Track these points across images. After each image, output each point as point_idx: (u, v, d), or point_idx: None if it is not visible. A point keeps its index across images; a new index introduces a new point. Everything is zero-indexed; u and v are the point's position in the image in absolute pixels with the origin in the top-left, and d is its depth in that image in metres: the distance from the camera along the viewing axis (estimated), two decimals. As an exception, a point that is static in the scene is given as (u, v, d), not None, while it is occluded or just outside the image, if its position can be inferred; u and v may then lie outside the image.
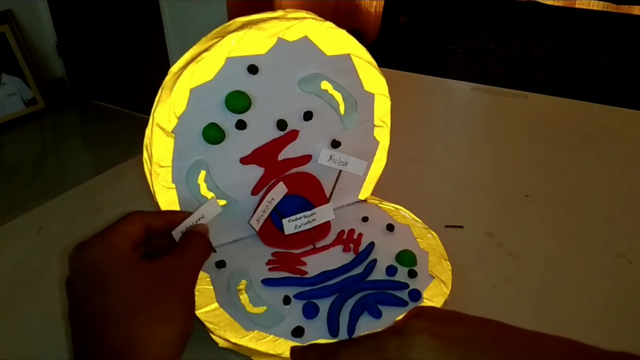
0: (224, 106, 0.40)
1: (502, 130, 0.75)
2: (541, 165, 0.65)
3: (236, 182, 0.44)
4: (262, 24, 0.39)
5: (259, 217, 0.44)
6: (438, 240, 0.46)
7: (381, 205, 0.51)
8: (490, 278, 0.45)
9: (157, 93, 0.39)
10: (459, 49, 1.57)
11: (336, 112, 0.45)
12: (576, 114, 0.80)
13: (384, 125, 0.48)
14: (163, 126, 0.39)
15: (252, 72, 0.40)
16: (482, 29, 1.52)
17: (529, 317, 0.41)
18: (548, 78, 1.48)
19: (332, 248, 0.45)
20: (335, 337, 0.36)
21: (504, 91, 0.86)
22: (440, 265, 0.43)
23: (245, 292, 0.40)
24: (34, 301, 0.43)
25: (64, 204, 0.57)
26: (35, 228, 0.52)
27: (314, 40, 0.41)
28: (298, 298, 0.40)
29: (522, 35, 1.47)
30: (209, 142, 0.41)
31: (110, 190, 0.59)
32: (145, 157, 0.40)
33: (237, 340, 0.36)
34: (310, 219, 0.43)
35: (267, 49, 0.40)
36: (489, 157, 0.67)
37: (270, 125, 0.43)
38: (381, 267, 0.42)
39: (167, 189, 0.41)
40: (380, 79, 0.46)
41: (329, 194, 0.47)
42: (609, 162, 0.65)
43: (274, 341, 0.36)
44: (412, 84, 0.91)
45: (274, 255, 0.44)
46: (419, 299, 0.39)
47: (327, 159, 0.46)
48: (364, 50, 0.44)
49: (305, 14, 0.41)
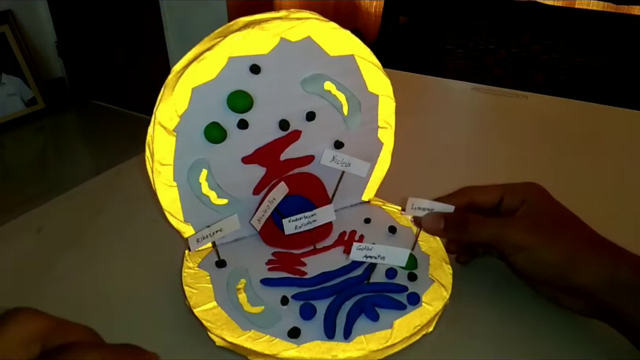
0: (225, 105, 0.40)
1: (502, 130, 0.75)
2: (541, 165, 0.65)
3: (238, 182, 0.44)
4: (264, 24, 0.39)
5: (260, 217, 0.44)
6: (440, 243, 0.46)
7: (384, 207, 0.51)
8: (492, 279, 0.45)
9: (159, 92, 0.39)
10: (459, 49, 1.56)
11: (339, 113, 0.45)
12: (576, 114, 0.80)
13: (388, 126, 0.48)
14: (165, 125, 0.39)
15: (254, 72, 0.40)
16: (482, 29, 1.52)
17: (530, 318, 0.41)
18: (548, 78, 1.48)
19: (332, 249, 0.45)
20: (331, 339, 0.36)
21: (504, 91, 0.86)
22: (441, 269, 0.42)
23: (244, 292, 0.40)
24: (34, 301, 0.43)
25: (64, 204, 0.57)
26: (35, 228, 0.52)
27: (317, 41, 0.41)
28: (296, 299, 0.40)
29: (522, 35, 1.47)
30: (210, 141, 0.41)
31: (110, 190, 0.59)
32: (147, 155, 0.40)
33: (233, 339, 0.36)
34: (310, 220, 0.43)
35: (269, 49, 0.40)
36: (489, 157, 0.67)
37: (272, 125, 0.43)
38: (381, 269, 0.42)
39: (169, 187, 0.41)
40: (385, 80, 0.46)
41: (331, 195, 0.47)
42: (609, 162, 0.65)
43: (270, 341, 0.36)
44: (412, 84, 0.91)
45: (274, 255, 0.44)
46: (418, 303, 0.39)
47: (330, 160, 0.45)
48: (368, 51, 0.44)
49: (309, 14, 0.41)
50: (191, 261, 0.43)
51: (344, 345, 0.36)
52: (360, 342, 0.36)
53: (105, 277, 0.45)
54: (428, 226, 0.42)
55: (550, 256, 0.37)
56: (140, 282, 0.44)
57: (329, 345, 0.36)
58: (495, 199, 0.42)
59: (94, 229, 0.52)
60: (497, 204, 0.42)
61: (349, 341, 0.36)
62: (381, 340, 0.36)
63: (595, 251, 0.37)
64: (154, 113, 0.38)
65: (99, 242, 0.50)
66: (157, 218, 0.50)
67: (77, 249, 0.49)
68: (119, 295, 0.43)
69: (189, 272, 0.42)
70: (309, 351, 0.35)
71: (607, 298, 0.35)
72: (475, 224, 0.40)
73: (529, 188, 0.42)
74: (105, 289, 0.44)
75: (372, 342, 0.36)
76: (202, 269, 0.42)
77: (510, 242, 0.38)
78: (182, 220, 0.43)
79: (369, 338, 0.36)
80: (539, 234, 0.38)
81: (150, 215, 0.51)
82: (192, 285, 0.41)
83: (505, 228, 0.39)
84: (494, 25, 1.52)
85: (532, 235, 0.37)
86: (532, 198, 0.40)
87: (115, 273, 0.46)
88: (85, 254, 0.48)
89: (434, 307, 0.39)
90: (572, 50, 1.42)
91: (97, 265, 0.47)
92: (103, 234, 0.51)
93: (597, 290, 0.36)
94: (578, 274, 0.36)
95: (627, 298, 0.35)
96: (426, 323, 0.38)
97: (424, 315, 0.38)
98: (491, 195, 0.42)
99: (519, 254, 0.38)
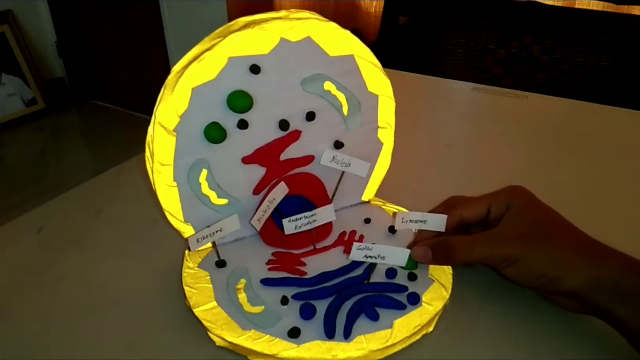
0: (225, 105, 0.40)
1: (502, 130, 0.75)
2: (541, 165, 0.65)
3: (238, 182, 0.44)
4: (264, 24, 0.39)
5: (260, 217, 0.44)
6: None
7: (384, 207, 0.51)
8: (491, 279, 0.45)
9: (159, 92, 0.39)
10: (459, 49, 1.56)
11: (339, 113, 0.45)
12: (576, 114, 0.80)
13: (388, 127, 0.48)
14: (165, 125, 0.39)
15: (254, 72, 0.40)
16: (482, 29, 1.52)
17: (529, 318, 0.41)
18: (548, 78, 1.48)
19: (332, 249, 0.45)
20: (331, 339, 0.36)
21: (504, 91, 0.86)
22: (441, 269, 0.42)
23: (244, 292, 0.40)
24: (34, 301, 0.43)
25: (64, 204, 0.57)
26: (35, 228, 0.52)
27: (317, 41, 0.41)
28: (296, 299, 0.40)
29: (522, 35, 1.47)
30: (210, 141, 0.41)
31: (110, 190, 0.59)
32: (147, 155, 0.40)
33: (233, 339, 0.36)
34: (310, 220, 0.43)
35: (269, 49, 0.40)
36: (489, 157, 0.67)
37: (272, 125, 0.43)
38: (381, 269, 0.42)
39: (169, 187, 0.41)
40: (385, 81, 0.46)
41: (331, 195, 0.47)
42: (608, 162, 0.65)
43: (270, 341, 0.36)
44: (412, 84, 0.91)
45: (274, 255, 0.44)
46: (418, 302, 0.39)
47: (330, 160, 0.45)
48: (368, 51, 0.44)
49: (309, 14, 0.41)
50: (191, 261, 0.43)
51: (344, 345, 0.36)
52: (360, 342, 0.36)
53: (105, 277, 0.45)
54: (417, 257, 0.41)
55: (538, 265, 0.37)
56: (140, 282, 0.44)
57: (328, 345, 0.36)
58: (483, 212, 0.42)
59: (94, 229, 0.52)
60: (484, 216, 0.42)
61: (348, 341, 0.36)
62: (381, 340, 0.36)
63: (581, 254, 0.37)
64: (154, 113, 0.39)
65: (99, 242, 0.50)
66: (157, 218, 0.50)
67: (77, 249, 0.49)
68: (119, 295, 0.43)
69: (189, 272, 0.42)
70: (309, 351, 0.35)
71: (596, 299, 0.36)
72: (461, 249, 0.39)
73: (512, 192, 0.42)
74: (105, 289, 0.44)
75: (372, 341, 0.36)
76: (202, 269, 0.42)
77: (499, 258, 0.38)
78: (182, 220, 0.43)
79: (368, 338, 0.36)
80: (525, 244, 0.38)
81: (150, 215, 0.51)
82: (192, 285, 0.41)
83: (492, 246, 0.39)
84: (494, 25, 1.52)
85: (519, 247, 0.38)
86: (516, 203, 0.41)
87: (115, 273, 0.46)
88: (85, 254, 0.48)
89: (434, 307, 0.39)
90: (572, 50, 1.42)
91: (97, 265, 0.47)
92: (103, 234, 0.51)
93: (586, 292, 0.36)
94: (566, 279, 0.37)
95: (614, 299, 0.35)
96: (426, 323, 0.38)
97: (423, 315, 0.38)
98: (478, 209, 0.42)
99: (509, 267, 0.38)
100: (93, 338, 0.39)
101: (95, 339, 0.39)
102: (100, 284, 0.45)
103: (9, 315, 0.42)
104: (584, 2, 1.59)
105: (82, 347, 0.38)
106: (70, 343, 0.39)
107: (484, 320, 0.41)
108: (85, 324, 0.40)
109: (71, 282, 0.45)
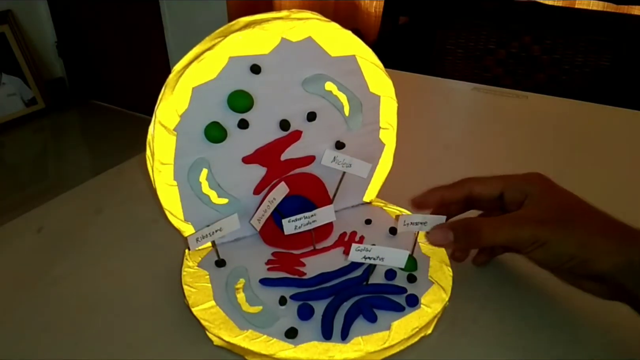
0: (226, 105, 0.40)
1: (502, 130, 0.75)
2: (541, 165, 0.64)
3: (238, 181, 0.44)
4: (265, 24, 0.39)
5: (260, 217, 0.44)
6: None
7: (386, 209, 0.50)
8: (491, 282, 0.44)
9: (159, 92, 0.39)
10: (459, 49, 1.56)
11: (340, 114, 0.45)
12: (576, 114, 0.80)
13: (390, 127, 0.48)
14: (165, 124, 0.39)
15: (254, 72, 0.40)
16: (482, 29, 1.52)
17: (529, 321, 0.41)
18: (548, 78, 1.48)
19: (332, 250, 0.45)
20: (328, 340, 0.36)
21: (504, 91, 0.86)
22: (441, 271, 0.42)
23: (243, 291, 0.40)
24: (34, 301, 0.43)
25: (64, 204, 0.57)
26: (35, 228, 0.52)
27: (319, 41, 0.41)
28: (294, 299, 0.39)
29: (522, 35, 1.47)
30: (211, 141, 0.41)
31: (110, 190, 0.59)
32: (148, 154, 0.40)
33: (230, 339, 0.36)
34: (310, 220, 0.43)
35: (270, 49, 0.40)
36: (489, 158, 0.67)
37: (272, 125, 0.43)
38: (381, 270, 0.42)
39: (169, 186, 0.41)
40: (387, 81, 0.46)
41: (332, 195, 0.47)
42: (609, 162, 0.65)
43: (267, 341, 0.36)
44: (412, 84, 0.91)
45: (274, 255, 0.44)
46: (417, 305, 0.39)
47: (331, 160, 0.45)
48: (369, 51, 0.44)
49: (310, 14, 0.41)
50: (191, 260, 0.43)
51: (341, 346, 0.36)
52: (357, 343, 0.36)
53: (105, 276, 0.45)
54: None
55: (567, 248, 0.36)
56: (139, 281, 0.44)
57: (326, 346, 0.36)
58: (496, 192, 0.42)
59: (94, 229, 0.52)
60: (497, 197, 0.42)
61: (346, 342, 0.36)
62: (379, 342, 0.36)
63: (610, 237, 0.36)
64: (154, 112, 0.38)
65: (99, 242, 0.50)
66: (157, 218, 0.50)
67: (77, 249, 0.49)
68: (118, 295, 0.43)
69: (188, 271, 0.42)
70: (306, 352, 0.35)
71: (625, 283, 0.35)
72: (487, 230, 0.38)
73: (530, 178, 0.41)
74: (105, 288, 0.44)
75: (369, 343, 0.36)
76: (202, 268, 0.42)
77: (526, 240, 0.37)
78: (182, 220, 0.43)
79: (366, 339, 0.36)
80: (554, 227, 0.37)
81: (150, 215, 0.51)
82: (191, 284, 0.41)
83: (519, 227, 0.38)
84: (494, 25, 1.52)
85: (547, 229, 0.37)
86: (536, 190, 0.40)
87: (115, 273, 0.46)
88: (85, 254, 0.48)
89: (433, 309, 0.39)
90: (572, 50, 1.42)
91: (97, 265, 0.47)
92: (103, 234, 0.51)
93: (615, 276, 0.35)
94: (596, 261, 0.36)
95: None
96: (424, 325, 0.38)
97: (422, 317, 0.38)
98: (491, 187, 0.42)
99: (537, 250, 0.37)
100: (93, 337, 0.39)
101: (95, 339, 0.39)
102: (100, 283, 0.45)
103: (9, 315, 0.42)
104: (584, 2, 1.59)
105: (82, 347, 0.38)
106: (70, 343, 0.39)
107: (483, 323, 0.41)
108: (85, 324, 0.40)
109: (71, 281, 0.45)
